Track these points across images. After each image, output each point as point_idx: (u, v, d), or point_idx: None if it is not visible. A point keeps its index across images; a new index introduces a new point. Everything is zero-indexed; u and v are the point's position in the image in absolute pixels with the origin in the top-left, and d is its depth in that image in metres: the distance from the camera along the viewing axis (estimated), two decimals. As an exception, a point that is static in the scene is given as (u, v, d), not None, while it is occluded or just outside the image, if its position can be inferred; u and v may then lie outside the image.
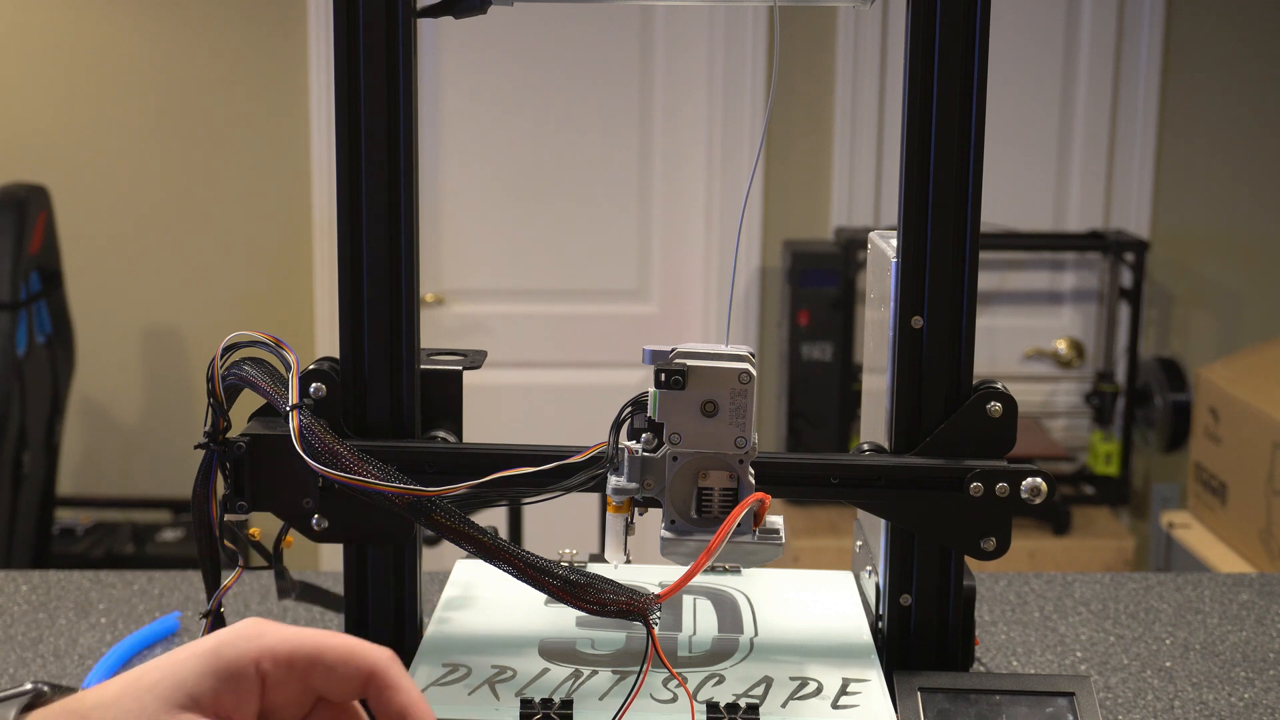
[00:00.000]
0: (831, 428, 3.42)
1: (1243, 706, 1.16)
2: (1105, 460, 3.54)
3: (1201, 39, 3.57)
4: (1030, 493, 0.93)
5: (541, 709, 0.88)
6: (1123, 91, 3.57)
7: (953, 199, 0.93)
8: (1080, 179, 3.61)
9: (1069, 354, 3.64)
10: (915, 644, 0.96)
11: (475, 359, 1.02)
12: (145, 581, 1.37)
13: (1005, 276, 3.63)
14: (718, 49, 3.51)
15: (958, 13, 0.91)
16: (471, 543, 0.82)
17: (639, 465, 0.86)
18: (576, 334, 3.65)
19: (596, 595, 0.82)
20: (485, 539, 0.82)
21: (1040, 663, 1.24)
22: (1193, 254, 3.66)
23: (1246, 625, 1.32)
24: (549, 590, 0.82)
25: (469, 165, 3.56)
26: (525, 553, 0.83)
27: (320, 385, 0.96)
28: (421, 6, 0.94)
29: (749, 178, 3.76)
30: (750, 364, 0.85)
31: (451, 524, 0.82)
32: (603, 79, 3.53)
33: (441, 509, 0.82)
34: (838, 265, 3.40)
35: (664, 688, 0.91)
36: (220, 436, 0.92)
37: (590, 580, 0.82)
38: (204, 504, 0.92)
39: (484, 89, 3.53)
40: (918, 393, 0.95)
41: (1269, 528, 2.92)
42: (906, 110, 0.93)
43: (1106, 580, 1.42)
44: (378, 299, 0.96)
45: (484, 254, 3.61)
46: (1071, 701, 0.89)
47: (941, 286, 0.94)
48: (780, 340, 3.52)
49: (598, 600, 0.82)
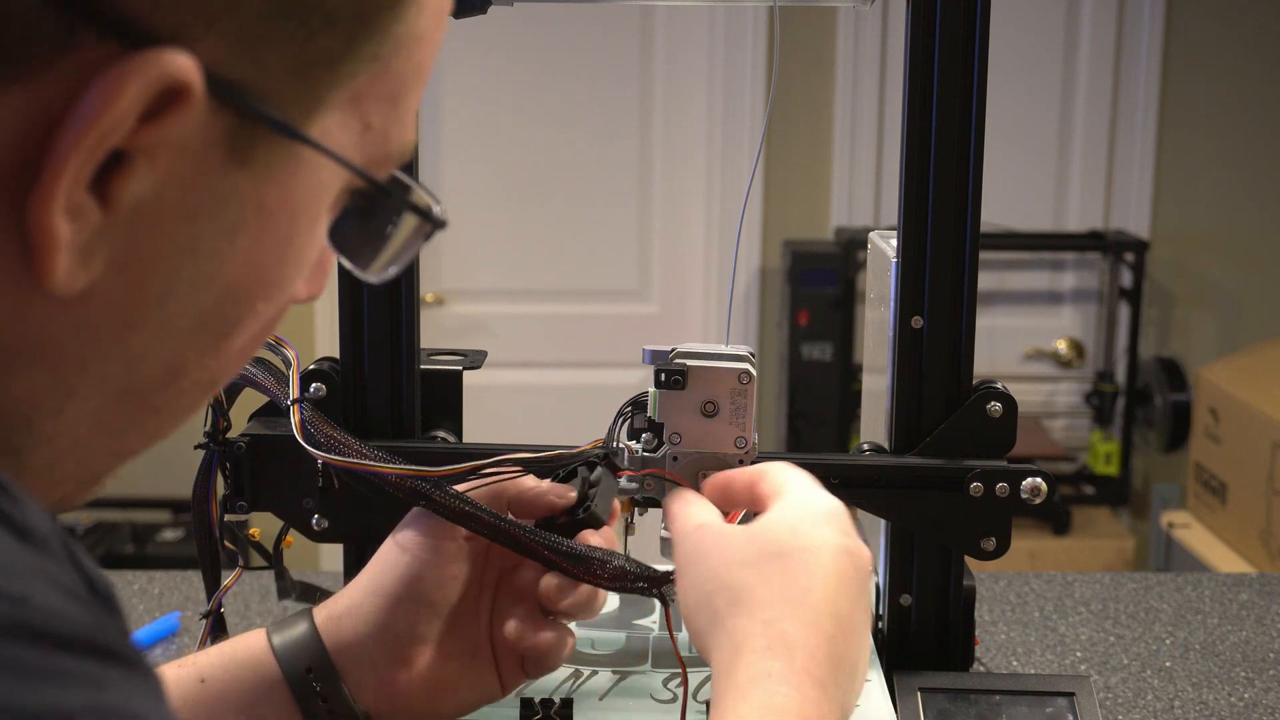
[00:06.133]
0: (831, 428, 3.42)
1: (1243, 706, 1.16)
2: (1105, 460, 3.54)
3: (1202, 39, 3.56)
4: (1030, 493, 0.93)
5: (541, 709, 0.88)
6: (1123, 91, 3.57)
7: (953, 199, 0.93)
8: (1080, 179, 3.61)
9: (1069, 354, 3.64)
10: (915, 644, 0.96)
11: (475, 359, 1.02)
12: (145, 581, 1.37)
13: (1005, 276, 3.63)
14: (718, 49, 3.51)
15: (958, 13, 0.91)
16: (476, 522, 0.80)
17: (639, 465, 0.86)
18: (576, 334, 3.65)
19: (611, 569, 0.80)
20: (490, 518, 0.81)
21: (1040, 663, 1.24)
22: (1193, 254, 3.66)
23: (1246, 625, 1.32)
24: (561, 568, 0.80)
25: (469, 165, 3.56)
26: (534, 531, 0.81)
27: (320, 385, 0.96)
28: (421, 6, 0.93)
29: (749, 178, 3.76)
30: (750, 364, 0.85)
31: (455, 504, 0.81)
32: (603, 79, 3.53)
33: (444, 490, 0.81)
34: (838, 265, 3.40)
35: (664, 688, 0.91)
36: (220, 436, 0.92)
37: (604, 555, 0.80)
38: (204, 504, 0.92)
39: (484, 88, 3.53)
40: (918, 393, 0.95)
41: (1269, 528, 2.92)
42: (906, 110, 0.93)
43: (1106, 580, 1.42)
44: (378, 299, 0.96)
45: (484, 254, 3.61)
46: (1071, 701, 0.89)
47: (941, 286, 0.94)
48: (780, 340, 3.52)
49: (612, 574, 0.80)
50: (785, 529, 0.73)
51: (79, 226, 0.45)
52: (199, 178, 0.47)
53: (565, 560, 0.80)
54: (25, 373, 0.47)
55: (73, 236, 0.45)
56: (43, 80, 0.44)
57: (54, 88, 0.44)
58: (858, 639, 0.71)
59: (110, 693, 0.41)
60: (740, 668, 0.68)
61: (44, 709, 0.39)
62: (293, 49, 0.47)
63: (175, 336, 0.50)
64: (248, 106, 0.47)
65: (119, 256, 0.46)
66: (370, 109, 0.52)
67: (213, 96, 0.46)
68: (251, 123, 0.47)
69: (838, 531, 0.73)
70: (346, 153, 0.51)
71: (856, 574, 0.73)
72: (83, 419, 0.49)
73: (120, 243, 0.46)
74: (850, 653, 0.70)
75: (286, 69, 0.47)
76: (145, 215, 0.46)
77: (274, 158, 0.49)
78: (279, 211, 0.50)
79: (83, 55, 0.44)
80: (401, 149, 0.55)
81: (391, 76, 0.52)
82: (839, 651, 0.69)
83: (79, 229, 0.45)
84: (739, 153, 3.53)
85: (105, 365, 0.49)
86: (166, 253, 0.48)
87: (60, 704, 0.40)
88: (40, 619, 0.40)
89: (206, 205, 0.48)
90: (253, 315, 0.52)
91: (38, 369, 0.47)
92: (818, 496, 0.75)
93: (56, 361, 0.47)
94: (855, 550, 0.73)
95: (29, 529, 0.43)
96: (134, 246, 0.47)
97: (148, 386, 0.51)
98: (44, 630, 0.40)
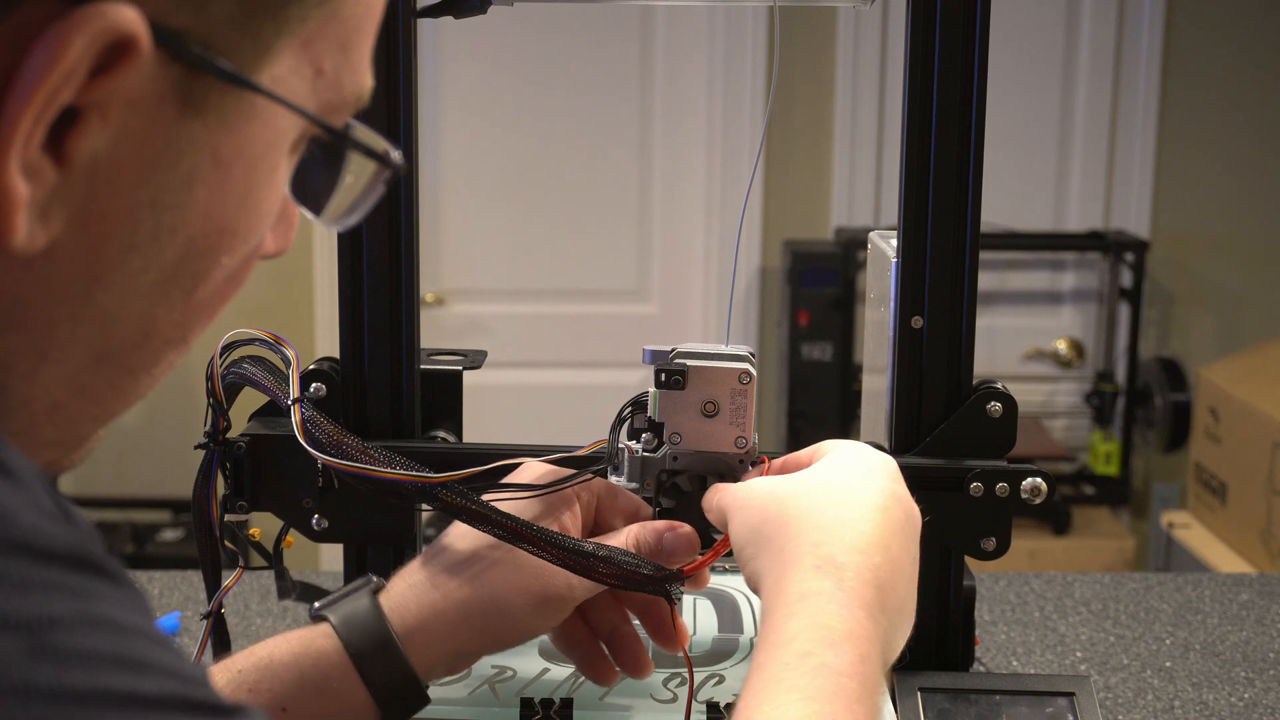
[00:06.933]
0: (831, 428, 3.42)
1: (1243, 706, 1.16)
2: (1105, 460, 3.54)
3: (1201, 39, 3.56)
4: (1030, 492, 0.93)
5: (541, 709, 0.88)
6: (1123, 91, 3.56)
7: (953, 199, 0.93)
8: (1080, 179, 3.61)
9: (1069, 354, 3.64)
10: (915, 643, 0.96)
11: (475, 359, 1.02)
12: (145, 581, 1.37)
13: (1005, 276, 3.63)
14: (718, 50, 3.51)
15: (958, 13, 0.91)
16: (484, 522, 0.81)
17: (639, 465, 0.86)
18: (576, 334, 3.65)
19: (619, 568, 0.80)
20: (497, 516, 0.81)
21: (1040, 663, 1.24)
22: (1193, 254, 3.66)
23: (1246, 625, 1.32)
24: (569, 565, 0.80)
25: (469, 165, 3.56)
26: (542, 529, 0.81)
27: (320, 385, 0.96)
28: (421, 6, 0.94)
29: (749, 178, 3.76)
30: (750, 364, 0.85)
31: (461, 503, 0.81)
32: (603, 79, 3.53)
33: (449, 488, 0.81)
34: (838, 265, 3.40)
35: (664, 687, 0.91)
36: (220, 436, 0.92)
37: (611, 553, 0.81)
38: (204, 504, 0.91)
39: (484, 89, 3.53)
40: (918, 393, 0.95)
41: (1269, 528, 2.92)
42: (906, 110, 0.93)
43: (1106, 580, 1.42)
44: (378, 299, 0.96)
45: (484, 254, 3.60)
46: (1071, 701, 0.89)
47: (941, 286, 0.94)
48: (780, 340, 3.52)
49: (620, 573, 0.80)
50: (837, 470, 0.75)
51: (36, 185, 0.45)
52: (152, 130, 0.47)
53: (572, 558, 0.80)
54: None
55: (30, 196, 0.45)
56: None
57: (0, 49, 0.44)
58: (906, 581, 0.71)
59: (98, 603, 0.42)
60: (790, 585, 0.68)
61: (31, 618, 0.40)
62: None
63: (142, 293, 0.50)
64: (195, 57, 0.47)
65: (78, 213, 0.47)
66: (322, 54, 0.51)
67: (160, 48, 0.46)
68: (201, 73, 0.47)
69: (889, 478, 0.74)
70: (299, 100, 0.51)
71: (907, 520, 0.73)
72: (59, 383, 0.50)
73: (79, 199, 0.46)
74: (899, 588, 0.70)
75: (230, 17, 0.47)
76: (102, 171, 0.46)
77: (226, 107, 0.49)
78: (235, 161, 0.50)
79: (25, 13, 0.44)
80: (357, 94, 0.55)
81: (341, 21, 0.51)
82: (887, 583, 0.69)
83: (36, 188, 0.45)
84: (739, 153, 3.53)
85: (76, 326, 0.49)
86: (126, 207, 0.48)
87: (47, 612, 0.40)
88: (22, 534, 0.41)
89: (163, 158, 0.48)
90: (217, 267, 0.52)
91: (7, 331, 0.48)
92: (869, 451, 0.77)
93: (25, 323, 0.48)
94: (904, 498, 0.74)
95: (7, 465, 0.43)
96: (93, 202, 0.47)
97: (122, 348, 0.51)
98: (27, 543, 0.41)
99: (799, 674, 0.63)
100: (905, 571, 0.72)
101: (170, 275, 0.50)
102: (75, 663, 0.40)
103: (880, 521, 0.71)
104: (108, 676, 0.41)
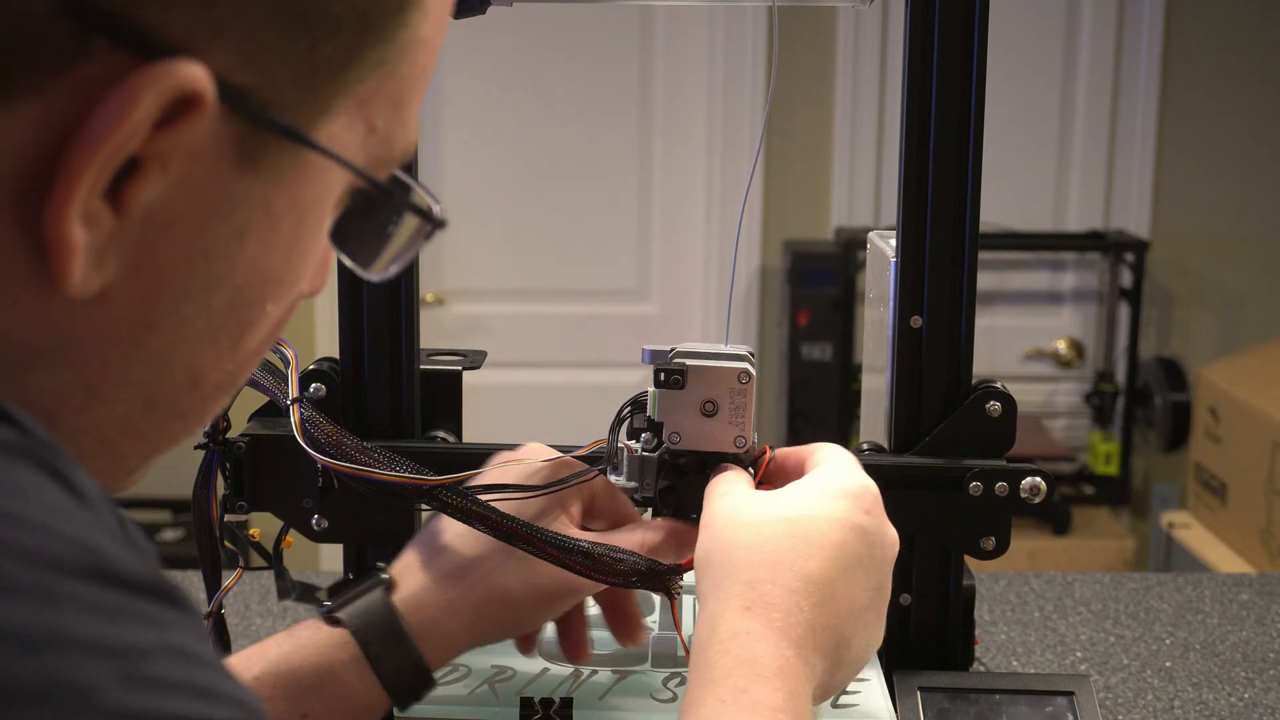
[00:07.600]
0: (831, 428, 3.42)
1: (1243, 706, 1.16)
2: (1105, 460, 3.54)
3: (1202, 40, 3.56)
4: (1030, 492, 0.93)
5: (541, 708, 0.88)
6: (1123, 91, 3.56)
7: (952, 199, 0.93)
8: (1080, 179, 3.61)
9: (1069, 354, 3.64)
10: (915, 643, 0.96)
11: (475, 359, 1.02)
12: (145, 581, 1.37)
13: (1005, 276, 3.63)
14: (718, 49, 3.51)
15: (958, 13, 0.91)
16: (483, 522, 0.81)
17: (638, 465, 0.86)
18: (576, 334, 3.65)
19: (618, 567, 0.81)
20: (496, 517, 0.81)
21: (1040, 663, 1.24)
22: (1193, 254, 3.66)
23: (1246, 625, 1.32)
24: (568, 565, 0.81)
25: (469, 164, 3.56)
26: (540, 529, 0.81)
27: (320, 385, 0.96)
28: (421, 7, 0.93)
29: (749, 178, 3.76)
30: (750, 364, 0.85)
31: (461, 503, 0.82)
32: (602, 79, 3.53)
33: (449, 489, 0.82)
34: (838, 265, 3.40)
35: (664, 687, 0.91)
36: (220, 436, 0.92)
37: (609, 552, 0.81)
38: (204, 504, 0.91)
39: (484, 89, 3.53)
40: (917, 392, 0.95)
41: (1269, 528, 2.92)
42: (906, 110, 0.93)
43: (1106, 580, 1.42)
44: (378, 299, 0.96)
45: (484, 254, 3.61)
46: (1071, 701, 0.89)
47: (941, 286, 0.94)
48: (780, 340, 3.52)
49: (620, 572, 0.81)
50: (800, 497, 0.75)
51: (93, 232, 0.46)
52: (210, 183, 0.48)
53: (572, 557, 0.81)
54: (48, 369, 0.48)
55: (87, 242, 0.46)
56: (56, 90, 0.45)
57: (67, 97, 0.45)
58: (852, 616, 0.72)
59: (173, 632, 0.43)
60: (723, 623, 0.69)
61: (126, 646, 0.41)
62: (298, 57, 0.48)
63: (191, 340, 0.51)
64: (257, 113, 0.48)
65: (132, 260, 0.47)
66: (375, 112, 0.52)
67: (224, 104, 0.46)
68: (261, 129, 0.48)
69: (854, 508, 0.74)
70: (351, 155, 0.52)
71: (866, 552, 0.73)
72: (109, 421, 0.51)
73: (133, 246, 0.47)
74: (840, 627, 0.71)
75: (293, 76, 0.48)
76: (157, 219, 0.47)
77: (282, 162, 0.50)
78: (287, 214, 0.51)
79: (95, 65, 0.45)
80: (404, 150, 0.56)
81: (396, 80, 0.52)
82: (824, 621, 0.70)
83: (93, 234, 0.46)
84: (739, 152, 3.53)
85: (128, 369, 0.50)
86: (179, 256, 0.49)
87: (138, 642, 0.42)
88: (110, 564, 0.42)
89: (217, 209, 0.49)
90: (264, 315, 0.54)
91: (59, 366, 0.48)
92: (848, 474, 0.76)
93: (78, 360, 0.49)
94: (870, 530, 0.74)
95: (81, 490, 0.45)
96: (147, 250, 0.48)
97: (173, 393, 0.52)
98: (114, 574, 0.42)
99: (735, 710, 0.65)
100: (854, 607, 0.72)
101: (219, 323, 0.52)
102: (161, 690, 0.41)
103: (829, 559, 0.71)
104: (188, 704, 0.42)
